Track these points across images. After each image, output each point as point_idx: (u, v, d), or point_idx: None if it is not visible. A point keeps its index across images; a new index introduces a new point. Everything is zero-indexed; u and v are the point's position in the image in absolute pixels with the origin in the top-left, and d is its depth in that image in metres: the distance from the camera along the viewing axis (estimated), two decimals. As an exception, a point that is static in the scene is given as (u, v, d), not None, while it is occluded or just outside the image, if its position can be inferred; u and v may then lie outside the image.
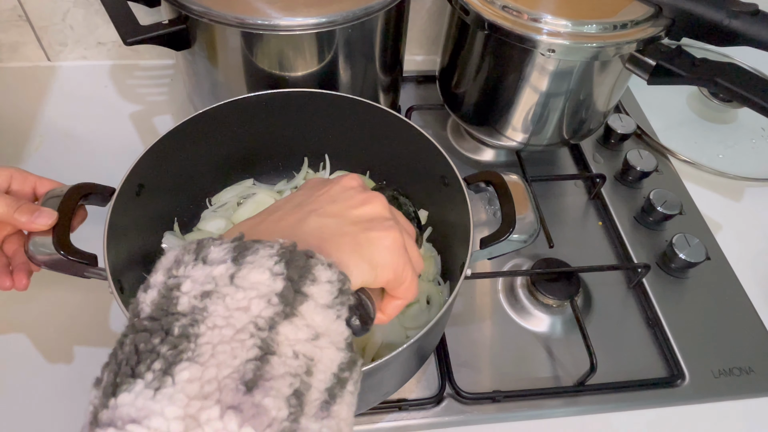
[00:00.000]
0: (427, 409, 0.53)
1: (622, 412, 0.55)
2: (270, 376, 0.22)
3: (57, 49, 0.82)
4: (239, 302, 0.23)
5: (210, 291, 0.23)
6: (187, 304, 0.23)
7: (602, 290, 0.63)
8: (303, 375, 0.23)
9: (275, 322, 0.23)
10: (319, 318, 0.24)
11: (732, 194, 0.76)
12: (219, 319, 0.23)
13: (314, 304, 0.25)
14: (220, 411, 0.20)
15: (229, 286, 0.24)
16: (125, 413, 0.20)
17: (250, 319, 0.23)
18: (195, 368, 0.21)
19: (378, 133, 0.57)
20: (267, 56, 0.57)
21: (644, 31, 0.56)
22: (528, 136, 0.68)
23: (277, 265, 0.24)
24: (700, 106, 0.87)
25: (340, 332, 0.25)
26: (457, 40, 0.66)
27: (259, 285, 0.24)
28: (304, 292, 0.25)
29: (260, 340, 0.22)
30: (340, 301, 0.26)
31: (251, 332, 0.22)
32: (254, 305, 0.23)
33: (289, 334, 0.23)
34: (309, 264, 0.25)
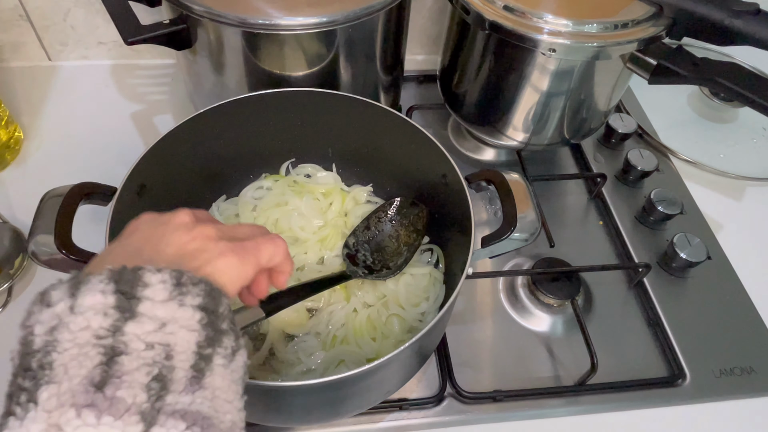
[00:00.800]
0: (427, 408, 0.53)
1: (623, 411, 0.55)
2: (121, 373, 0.25)
3: (58, 48, 0.82)
4: (80, 324, 0.26)
5: (55, 325, 0.26)
6: (40, 342, 0.26)
7: (603, 290, 0.63)
8: (163, 361, 0.26)
9: (117, 327, 0.26)
10: (160, 312, 0.27)
11: (733, 194, 0.76)
12: (66, 343, 0.26)
13: (151, 303, 0.27)
14: (75, 411, 0.23)
15: (70, 315, 0.26)
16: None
17: (91, 334, 0.26)
18: (52, 387, 0.24)
19: (379, 132, 0.57)
20: (268, 56, 0.57)
21: (645, 31, 0.56)
22: (529, 135, 0.68)
23: (107, 285, 0.27)
24: (701, 106, 0.87)
25: (188, 317, 0.28)
26: (457, 40, 0.66)
27: (94, 305, 0.27)
28: (138, 296, 0.27)
29: (102, 347, 0.25)
30: (179, 293, 0.28)
31: (93, 343, 0.25)
32: (93, 322, 0.26)
33: (136, 330, 0.26)
34: (138, 275, 0.28)
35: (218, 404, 0.27)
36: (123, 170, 0.46)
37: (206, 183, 0.60)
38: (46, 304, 0.28)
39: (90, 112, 0.78)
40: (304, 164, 0.65)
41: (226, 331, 0.29)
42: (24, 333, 0.27)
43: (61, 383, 0.24)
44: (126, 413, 0.24)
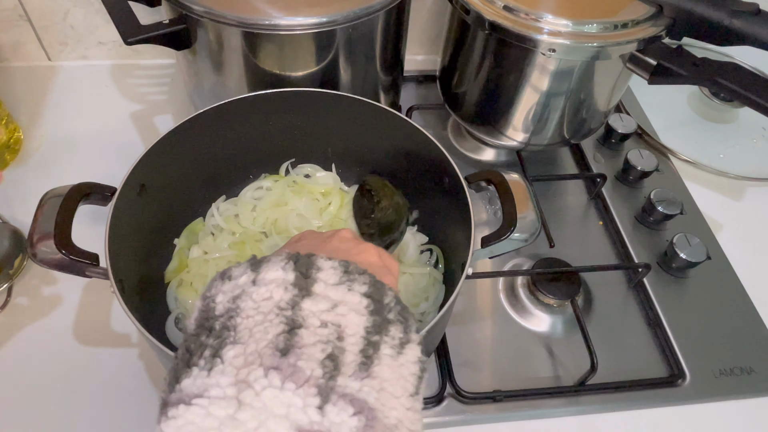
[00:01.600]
0: (427, 408, 0.53)
1: (623, 411, 0.55)
2: (301, 345, 0.26)
3: (57, 48, 0.82)
4: (263, 294, 0.28)
5: (238, 294, 0.29)
6: (222, 308, 0.28)
7: (603, 290, 0.63)
8: (335, 341, 0.27)
9: (296, 301, 0.28)
10: (332, 293, 0.29)
11: (733, 194, 0.76)
12: (250, 310, 0.28)
13: (324, 284, 0.29)
14: (263, 371, 0.24)
15: (253, 287, 0.29)
16: (189, 392, 0.24)
17: (274, 304, 0.28)
18: (238, 347, 0.26)
19: (379, 132, 0.57)
20: (268, 56, 0.57)
21: (645, 31, 0.56)
22: (529, 135, 0.68)
23: (287, 264, 0.30)
24: (701, 106, 0.87)
25: (356, 301, 0.29)
26: (457, 40, 0.66)
27: (276, 279, 0.29)
28: (313, 277, 0.29)
29: (285, 317, 0.27)
30: (348, 279, 0.30)
31: (276, 313, 0.27)
32: (275, 293, 0.28)
33: (311, 306, 0.28)
34: (311, 260, 0.31)
35: (384, 398, 0.26)
36: (123, 170, 0.46)
37: (206, 183, 0.60)
38: (227, 278, 0.30)
39: (90, 112, 0.78)
40: (303, 164, 0.65)
41: (393, 321, 0.30)
42: (205, 302, 0.29)
43: (247, 344, 0.26)
44: (305, 384, 0.24)
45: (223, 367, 0.25)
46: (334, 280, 0.30)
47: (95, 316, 0.57)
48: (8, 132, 0.70)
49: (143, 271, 0.52)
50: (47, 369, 0.54)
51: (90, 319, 0.57)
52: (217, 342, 0.26)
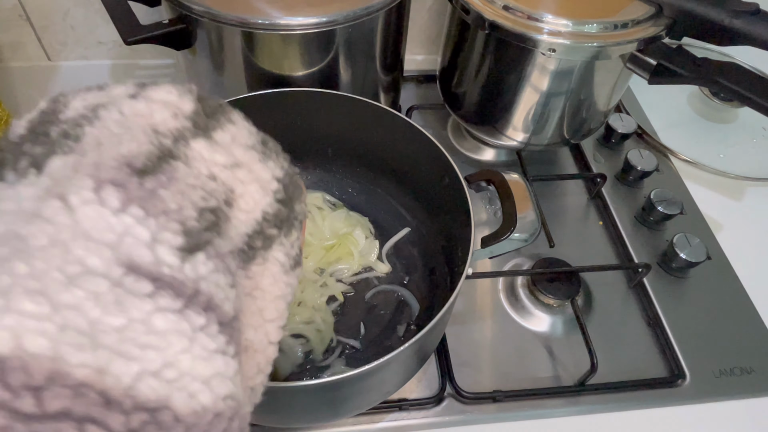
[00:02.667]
0: (427, 408, 0.53)
1: (623, 411, 0.55)
2: (171, 177, 0.18)
3: (57, 48, 0.82)
4: (139, 109, 0.20)
5: (104, 103, 0.20)
6: (72, 114, 0.20)
7: (603, 290, 0.63)
8: (221, 201, 0.19)
9: (184, 135, 0.20)
10: (238, 151, 0.21)
11: (733, 194, 0.76)
12: (111, 122, 0.19)
13: (230, 137, 0.21)
14: (93, 183, 0.16)
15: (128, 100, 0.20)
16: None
17: (149, 124, 0.19)
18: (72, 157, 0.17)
19: (379, 132, 0.57)
20: (267, 56, 0.57)
21: (645, 31, 0.56)
22: (528, 135, 0.68)
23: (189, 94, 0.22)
24: (701, 106, 0.87)
25: (267, 179, 0.22)
26: (457, 40, 0.66)
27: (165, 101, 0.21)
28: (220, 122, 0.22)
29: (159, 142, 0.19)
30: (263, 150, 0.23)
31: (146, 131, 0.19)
32: (157, 113, 0.20)
33: (203, 151, 0.20)
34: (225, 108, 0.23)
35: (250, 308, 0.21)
36: (122, 170, 0.46)
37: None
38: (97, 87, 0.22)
39: (90, 112, 0.78)
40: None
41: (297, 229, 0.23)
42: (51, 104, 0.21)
43: (84, 154, 0.18)
44: (163, 215, 0.17)
45: (35, 179, 0.17)
46: (245, 140, 0.22)
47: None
48: (8, 132, 0.70)
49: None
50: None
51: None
52: (42, 150, 0.18)
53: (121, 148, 0.18)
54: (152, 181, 0.17)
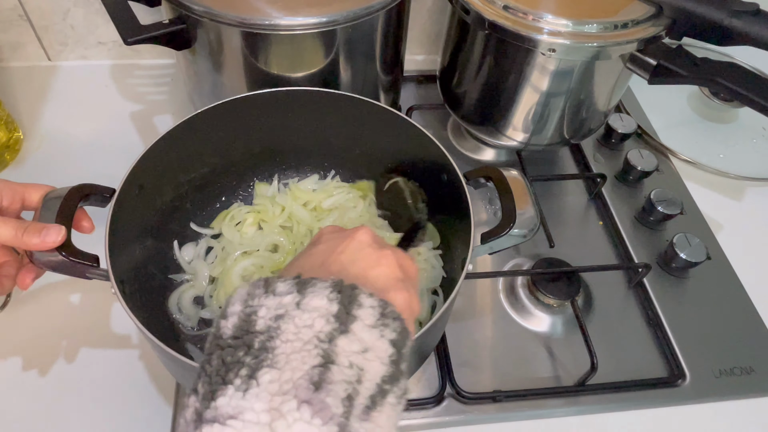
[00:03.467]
0: (427, 408, 0.53)
1: (623, 411, 0.55)
2: (331, 381, 0.26)
3: (57, 48, 0.82)
4: (305, 321, 0.29)
5: (282, 314, 0.29)
6: (263, 325, 0.28)
7: (603, 290, 0.63)
8: (355, 383, 0.27)
9: (333, 336, 0.28)
10: (366, 335, 0.29)
11: (733, 194, 0.76)
12: (290, 334, 0.28)
13: (362, 323, 0.29)
14: (297, 403, 0.25)
15: (296, 310, 0.29)
16: (224, 412, 0.25)
17: (314, 334, 0.28)
18: (274, 372, 0.26)
19: (378, 131, 0.57)
20: (267, 56, 0.57)
21: (645, 31, 0.56)
22: (529, 135, 0.68)
23: (332, 293, 0.30)
24: (701, 106, 0.87)
25: (384, 349, 0.29)
26: (457, 40, 0.66)
27: (320, 308, 0.29)
28: (353, 314, 0.30)
29: (322, 350, 0.27)
30: (382, 323, 0.30)
31: (315, 344, 0.28)
32: (317, 323, 0.28)
33: (345, 346, 0.28)
34: (355, 293, 0.31)
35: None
36: (122, 170, 0.46)
37: (206, 183, 0.60)
38: (271, 291, 0.30)
39: (90, 112, 0.78)
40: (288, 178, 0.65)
41: (404, 373, 0.30)
42: (246, 311, 0.29)
43: (282, 371, 0.26)
44: (330, 421, 0.25)
45: (257, 391, 0.25)
46: (370, 321, 0.30)
47: (95, 317, 0.57)
48: (8, 132, 0.70)
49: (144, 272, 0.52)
50: (47, 369, 0.54)
51: (90, 320, 0.57)
52: (255, 362, 0.27)
53: (304, 365, 0.27)
54: (324, 393, 0.26)
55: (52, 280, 0.59)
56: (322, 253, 0.37)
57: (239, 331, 0.28)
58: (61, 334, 0.56)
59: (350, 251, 0.37)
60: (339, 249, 0.37)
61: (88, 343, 0.55)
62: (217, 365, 0.27)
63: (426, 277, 0.57)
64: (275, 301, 0.30)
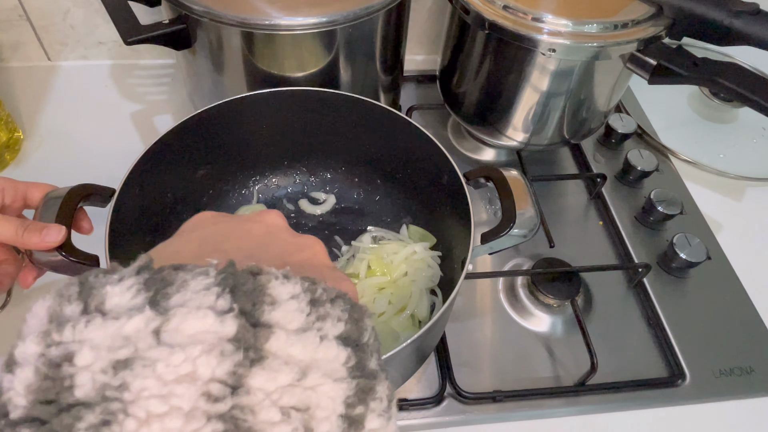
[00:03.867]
0: (427, 408, 0.53)
1: (623, 411, 0.55)
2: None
3: (57, 48, 0.82)
4: (179, 369, 0.15)
5: (128, 359, 0.15)
6: (90, 386, 0.15)
7: (603, 290, 0.63)
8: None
9: (239, 377, 0.16)
10: (297, 349, 0.18)
11: (733, 194, 0.76)
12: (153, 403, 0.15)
13: (284, 334, 0.18)
14: None
15: (157, 348, 0.16)
16: None
17: (201, 391, 0.15)
18: None
19: (378, 131, 0.57)
20: (267, 56, 0.57)
21: (645, 31, 0.56)
22: (529, 135, 0.68)
23: (221, 298, 0.17)
24: (701, 106, 0.87)
25: (332, 357, 0.18)
26: (457, 40, 0.66)
27: (203, 334, 0.16)
28: (265, 322, 0.18)
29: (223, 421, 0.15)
30: (316, 316, 0.19)
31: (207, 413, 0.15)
32: (202, 366, 0.16)
33: (265, 385, 0.16)
34: (259, 283, 0.18)
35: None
36: (122, 170, 0.46)
37: (206, 183, 0.60)
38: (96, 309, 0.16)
39: (90, 112, 0.78)
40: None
41: (377, 373, 0.20)
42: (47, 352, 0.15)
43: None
44: None
45: None
46: (297, 323, 0.18)
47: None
48: (8, 132, 0.70)
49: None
50: (47, 369, 0.53)
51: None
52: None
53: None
54: None
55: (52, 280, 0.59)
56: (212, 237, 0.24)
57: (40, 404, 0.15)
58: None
59: (257, 235, 0.25)
60: (238, 233, 0.24)
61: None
62: None
63: (423, 276, 0.56)
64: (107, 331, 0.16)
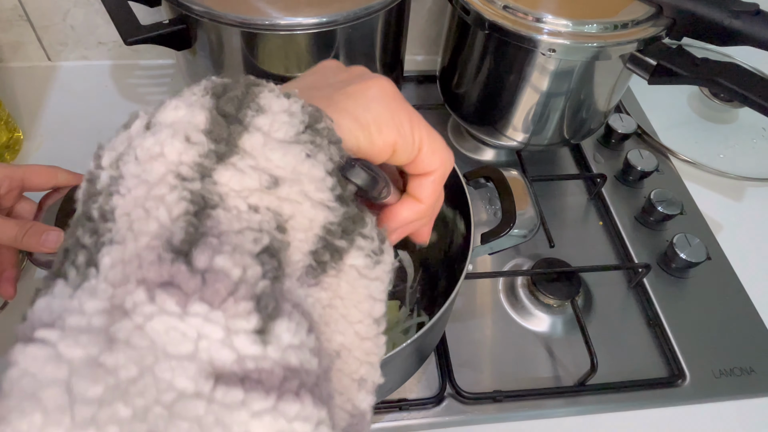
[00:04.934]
0: (427, 409, 0.53)
1: (623, 412, 0.55)
2: (218, 231, 0.16)
3: (57, 48, 0.82)
4: (150, 150, 0.17)
5: (122, 152, 0.18)
6: (105, 179, 0.18)
7: (603, 290, 0.63)
8: (273, 231, 0.17)
9: (205, 167, 0.17)
10: (276, 155, 0.18)
11: (733, 194, 0.76)
12: (130, 179, 0.17)
13: (262, 136, 0.18)
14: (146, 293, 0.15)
15: (141, 136, 0.18)
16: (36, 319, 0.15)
17: (167, 168, 0.17)
18: (116, 249, 0.16)
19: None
20: (268, 56, 0.57)
21: (645, 31, 0.56)
22: (528, 135, 0.68)
23: (203, 97, 0.18)
24: (701, 106, 0.87)
25: (319, 178, 0.18)
26: (457, 40, 0.66)
27: (177, 122, 0.18)
28: (245, 122, 0.18)
29: (188, 192, 0.17)
30: (309, 139, 0.18)
31: (171, 184, 0.17)
32: (168, 148, 0.17)
33: (232, 182, 0.17)
34: (251, 92, 0.19)
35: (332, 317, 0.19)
36: (123, 170, 0.46)
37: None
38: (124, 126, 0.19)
39: (90, 112, 0.78)
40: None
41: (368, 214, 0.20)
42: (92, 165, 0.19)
43: (125, 244, 0.16)
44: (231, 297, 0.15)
45: (95, 282, 0.16)
46: (283, 134, 0.18)
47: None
48: (8, 132, 0.70)
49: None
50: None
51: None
52: (92, 241, 0.17)
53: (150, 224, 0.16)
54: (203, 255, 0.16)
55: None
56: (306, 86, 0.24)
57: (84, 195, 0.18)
58: (61, 334, 0.56)
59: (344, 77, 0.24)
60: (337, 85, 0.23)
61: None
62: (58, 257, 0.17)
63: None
64: (122, 136, 0.19)
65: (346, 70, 0.25)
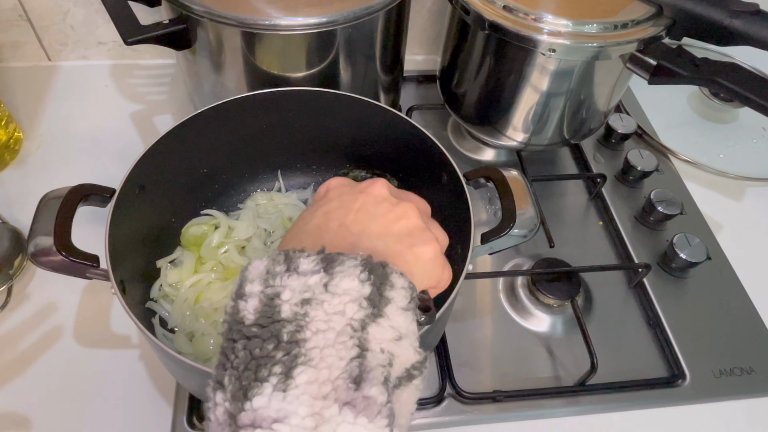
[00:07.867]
0: (427, 409, 0.53)
1: (623, 411, 0.55)
2: (369, 369, 0.25)
3: (57, 48, 0.82)
4: (336, 307, 0.26)
5: (309, 299, 0.26)
6: (289, 311, 0.26)
7: (603, 290, 0.63)
8: (387, 366, 0.26)
9: (365, 323, 0.26)
10: (401, 319, 0.28)
11: (733, 194, 0.76)
12: (320, 323, 0.26)
13: (395, 306, 0.28)
14: (338, 408, 0.23)
15: (325, 293, 0.26)
16: (265, 414, 0.23)
17: (346, 322, 0.26)
18: (310, 371, 0.24)
19: (379, 131, 0.57)
20: (268, 56, 0.57)
21: (645, 31, 0.56)
22: (529, 135, 0.68)
23: (363, 273, 0.27)
24: (701, 106, 0.87)
25: (416, 337, 0.29)
26: (457, 40, 0.66)
27: (351, 291, 0.27)
28: (386, 296, 0.28)
29: (357, 339, 0.26)
30: (413, 305, 0.29)
31: (350, 334, 0.26)
32: (348, 309, 0.26)
33: (377, 334, 0.27)
34: (386, 272, 0.28)
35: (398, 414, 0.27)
36: (122, 170, 0.46)
37: (206, 183, 0.60)
38: (294, 269, 0.27)
39: (90, 112, 0.78)
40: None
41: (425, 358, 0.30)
42: (267, 291, 0.26)
43: (318, 369, 0.24)
44: (378, 415, 0.24)
45: (297, 393, 0.23)
46: (404, 303, 0.28)
47: (95, 317, 0.57)
48: (8, 132, 0.70)
49: (144, 272, 0.52)
50: (47, 370, 0.54)
51: (90, 320, 0.57)
52: (288, 359, 0.24)
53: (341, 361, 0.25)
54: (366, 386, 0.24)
55: (52, 280, 0.59)
56: (336, 212, 0.34)
57: (263, 318, 0.26)
58: (61, 333, 0.56)
59: (368, 207, 0.34)
60: (356, 206, 0.34)
61: (87, 342, 0.56)
62: (245, 357, 0.24)
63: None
64: (300, 282, 0.27)
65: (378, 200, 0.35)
